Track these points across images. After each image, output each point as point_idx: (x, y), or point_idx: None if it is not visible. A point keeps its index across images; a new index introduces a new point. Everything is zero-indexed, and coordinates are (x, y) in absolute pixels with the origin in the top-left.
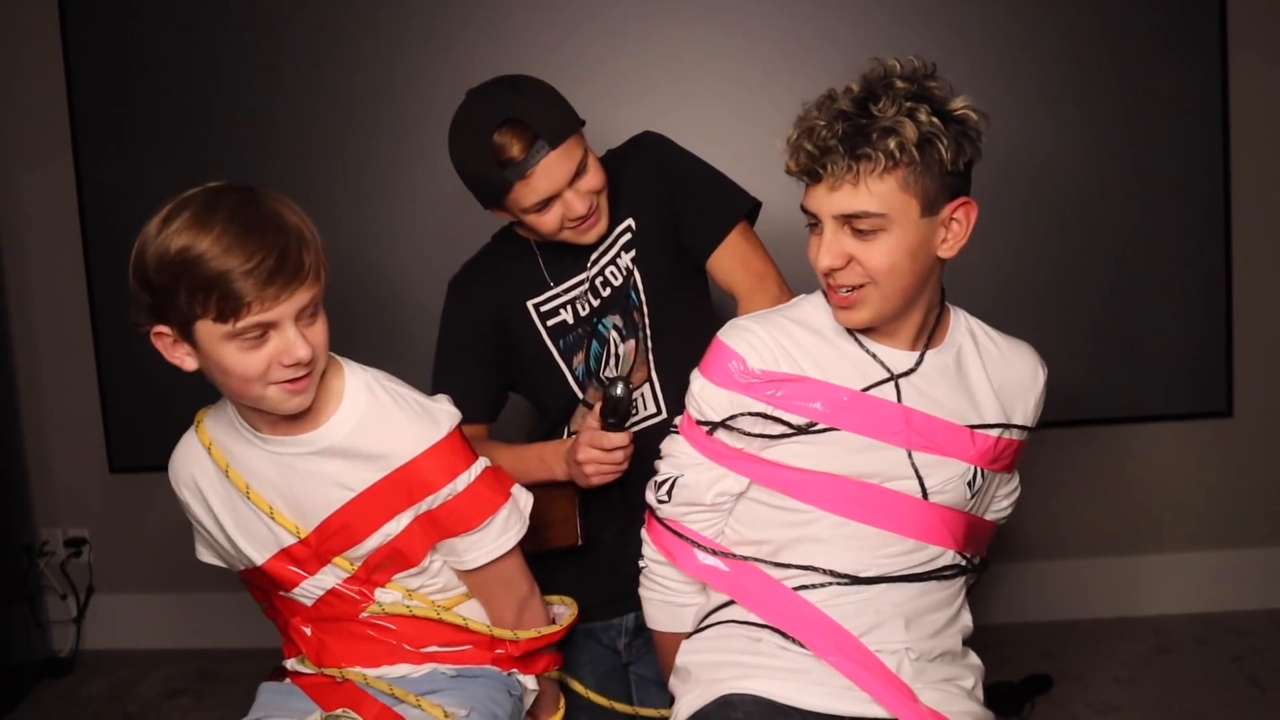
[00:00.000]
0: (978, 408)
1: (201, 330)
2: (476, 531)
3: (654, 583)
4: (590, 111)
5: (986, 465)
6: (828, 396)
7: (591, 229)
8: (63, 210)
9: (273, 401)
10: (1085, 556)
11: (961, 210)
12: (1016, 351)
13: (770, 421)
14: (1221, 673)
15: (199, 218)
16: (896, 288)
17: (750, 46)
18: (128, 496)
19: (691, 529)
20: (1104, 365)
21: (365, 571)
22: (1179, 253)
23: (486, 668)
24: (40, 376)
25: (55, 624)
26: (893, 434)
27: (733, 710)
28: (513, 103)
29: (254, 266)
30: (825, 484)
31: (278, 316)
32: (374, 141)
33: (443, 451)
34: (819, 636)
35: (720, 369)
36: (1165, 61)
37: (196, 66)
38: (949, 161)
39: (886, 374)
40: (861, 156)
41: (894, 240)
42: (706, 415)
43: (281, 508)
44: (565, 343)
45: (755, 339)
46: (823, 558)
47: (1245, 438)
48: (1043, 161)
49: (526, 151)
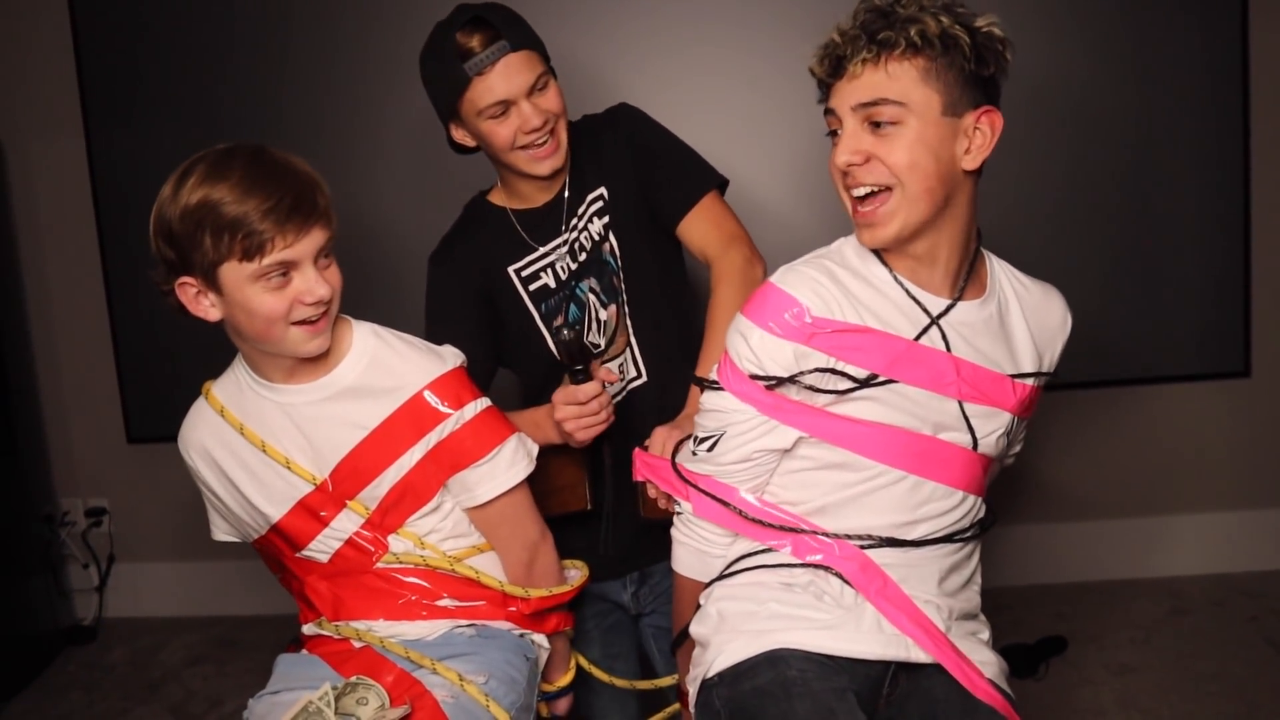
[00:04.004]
0: (1015, 357)
1: (227, 274)
2: (486, 462)
3: (689, 528)
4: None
5: (1022, 414)
6: (886, 347)
7: (546, 158)
8: (76, 185)
9: (294, 342)
10: (1101, 518)
11: (985, 119)
12: (1049, 297)
13: (834, 376)
14: (1237, 633)
15: (214, 171)
16: (921, 189)
17: (743, 30)
18: (146, 466)
19: (728, 484)
20: (1120, 325)
21: (379, 515)
22: (1196, 213)
23: (502, 628)
24: (58, 350)
25: (78, 593)
26: (946, 385)
27: (786, 667)
28: (480, 9)
29: (273, 205)
30: (886, 437)
31: (298, 255)
32: (384, 105)
33: (450, 382)
34: (864, 577)
35: (777, 318)
36: (1185, 27)
37: (204, 39)
38: (972, 63)
39: (927, 318)
40: (884, 41)
41: (914, 135)
42: (768, 370)
43: (297, 457)
44: (547, 306)
45: (819, 285)
46: (860, 520)
47: (1263, 398)
48: (1060, 125)
49: (486, 47)
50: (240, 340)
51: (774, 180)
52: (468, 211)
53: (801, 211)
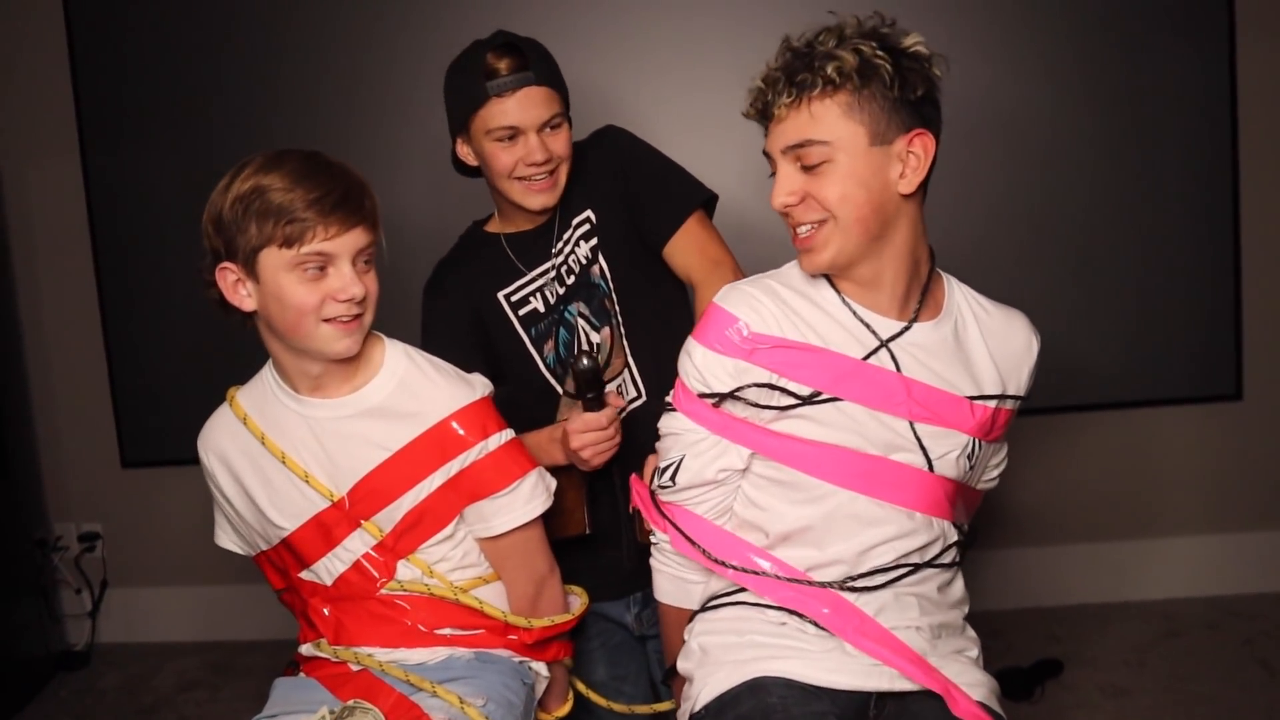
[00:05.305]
0: (976, 379)
1: (265, 260)
2: (505, 494)
3: (666, 557)
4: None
5: (983, 437)
6: (830, 365)
7: (541, 192)
8: (71, 207)
9: (323, 339)
10: (1095, 540)
11: (918, 141)
12: (1011, 321)
13: (775, 392)
14: (1231, 656)
15: (268, 163)
16: (853, 219)
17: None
18: (140, 491)
19: (694, 513)
20: (1112, 348)
21: (393, 538)
22: (1188, 236)
23: (501, 654)
24: (52, 373)
25: (70, 618)
26: (895, 405)
27: (766, 694)
28: (514, 38)
29: (319, 197)
30: (832, 456)
31: (336, 249)
32: (380, 135)
33: (476, 411)
34: (837, 619)
35: (719, 336)
36: (1172, 48)
37: (201, 62)
38: (895, 89)
39: (876, 339)
40: (801, 84)
41: (843, 170)
42: (712, 387)
43: (316, 472)
44: (537, 331)
45: (756, 302)
46: (826, 550)
47: (1254, 421)
48: (1050, 148)
49: (512, 73)
50: (272, 339)
51: (765, 201)
52: (462, 240)
53: None
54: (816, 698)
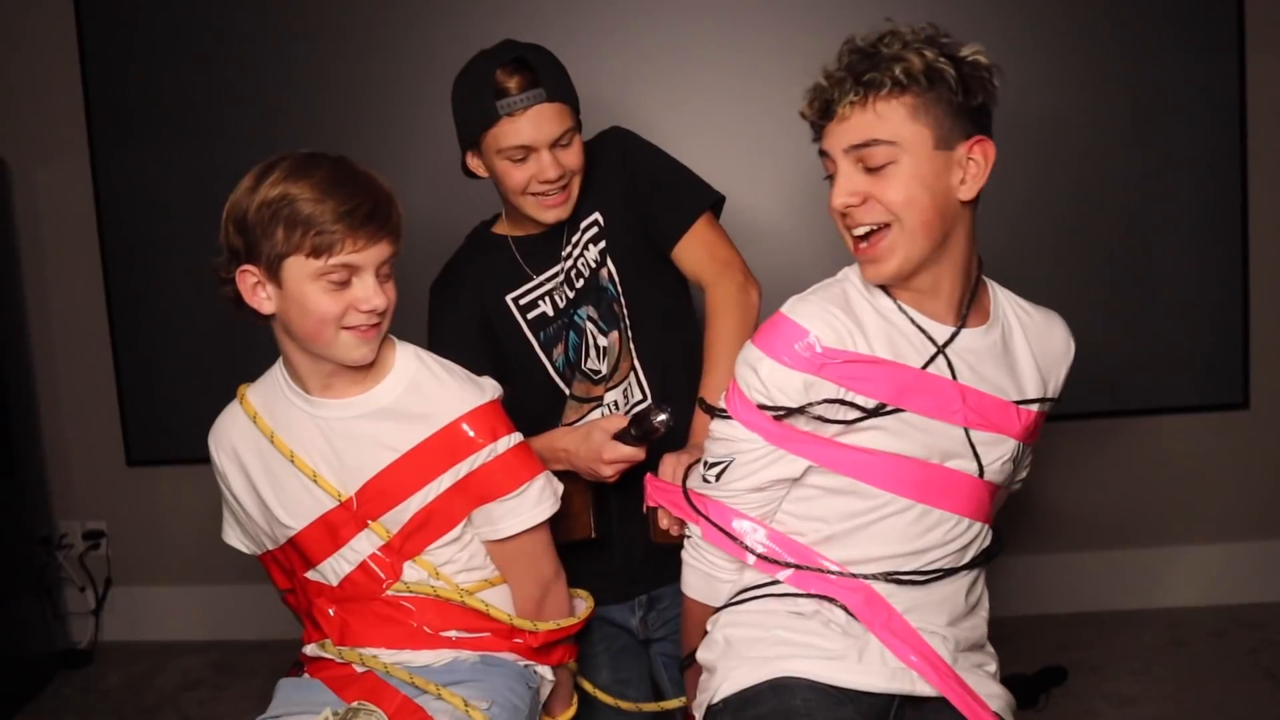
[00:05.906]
0: (1020, 383)
1: (290, 268)
2: (513, 497)
3: (699, 552)
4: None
5: (1026, 440)
6: (895, 376)
7: (554, 207)
8: (79, 206)
9: (343, 347)
10: (1100, 548)
11: (978, 149)
12: (1050, 322)
13: (843, 406)
14: (1236, 665)
15: (297, 169)
16: (919, 224)
17: (744, 43)
18: (145, 490)
19: (736, 509)
20: (1119, 357)
21: (400, 539)
22: (1195, 245)
23: (506, 657)
24: (58, 371)
25: (74, 616)
26: (952, 412)
27: (790, 696)
28: (524, 52)
29: (350, 209)
30: (894, 466)
31: (362, 261)
32: (387, 133)
33: (486, 414)
34: (868, 609)
35: (787, 349)
36: (1181, 53)
37: (210, 61)
38: (959, 95)
39: (934, 347)
40: (869, 82)
41: (908, 172)
42: (777, 401)
43: (325, 472)
44: (545, 335)
45: (830, 316)
46: (867, 550)
47: (1261, 430)
48: (1057, 154)
49: (523, 90)
50: (287, 340)
51: (774, 203)
52: (469, 241)
53: (801, 234)
54: (840, 703)
